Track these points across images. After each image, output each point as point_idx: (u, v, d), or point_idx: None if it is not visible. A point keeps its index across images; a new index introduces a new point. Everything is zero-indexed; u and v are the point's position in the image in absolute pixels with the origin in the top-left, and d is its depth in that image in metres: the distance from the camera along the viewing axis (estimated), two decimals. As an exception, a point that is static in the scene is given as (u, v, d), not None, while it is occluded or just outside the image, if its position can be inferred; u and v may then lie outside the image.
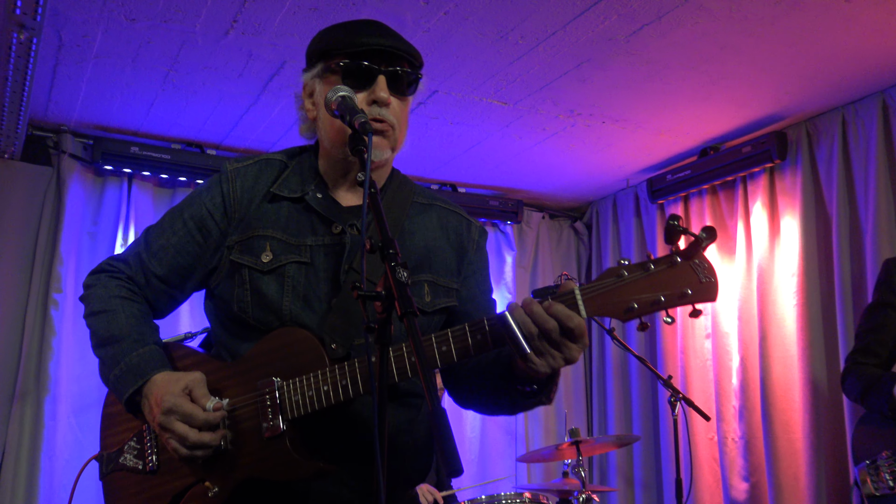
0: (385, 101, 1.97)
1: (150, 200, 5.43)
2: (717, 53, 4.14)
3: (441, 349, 1.79)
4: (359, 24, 2.06)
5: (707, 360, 5.70)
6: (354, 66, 1.97)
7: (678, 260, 1.71)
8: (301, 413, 1.88)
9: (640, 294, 1.71)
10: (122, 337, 2.06)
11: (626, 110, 4.88)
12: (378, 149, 1.99)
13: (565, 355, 1.72)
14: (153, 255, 2.13)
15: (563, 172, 6.07)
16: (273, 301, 1.99)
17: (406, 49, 2.01)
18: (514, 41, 4.01)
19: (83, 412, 4.98)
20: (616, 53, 4.13)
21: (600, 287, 1.72)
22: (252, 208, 2.08)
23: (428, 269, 2.09)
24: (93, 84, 4.47)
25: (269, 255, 2.02)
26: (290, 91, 4.54)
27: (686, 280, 1.70)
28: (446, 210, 2.22)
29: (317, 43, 2.08)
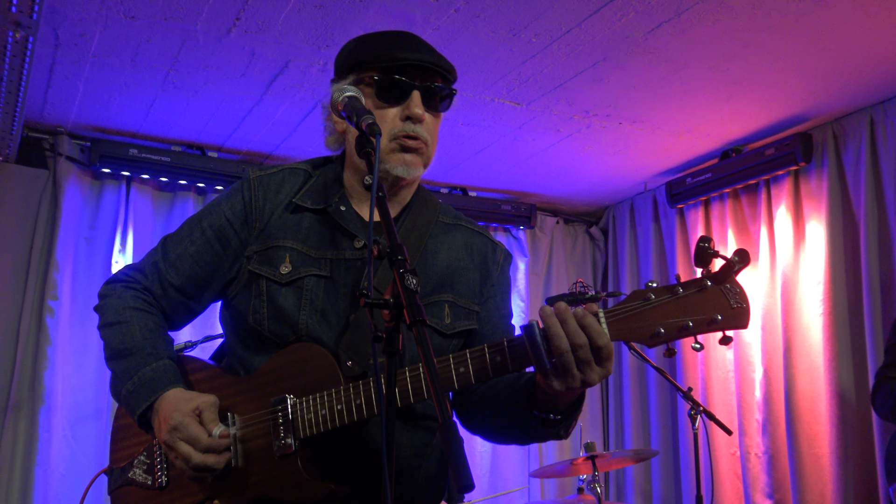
0: (420, 117, 2.02)
1: (149, 204, 5.47)
2: (739, 51, 4.14)
3: (458, 370, 1.80)
4: (393, 36, 2.09)
5: (729, 371, 5.69)
6: (388, 80, 2.02)
7: (708, 284, 1.71)
8: (314, 432, 1.90)
9: (668, 319, 1.70)
10: (135, 350, 2.09)
11: (644, 111, 4.89)
12: (411, 166, 2.04)
13: (585, 376, 1.71)
14: (170, 264, 2.17)
15: (578, 175, 6.07)
16: (289, 314, 2.02)
17: (441, 64, 2.05)
18: (528, 39, 4.02)
19: (79, 424, 5.00)
20: (633, 52, 4.14)
21: (626, 310, 1.73)
22: (273, 218, 2.11)
23: (449, 290, 2.11)
24: (90, 84, 4.50)
25: (288, 267, 2.05)
26: (295, 91, 4.56)
27: (716, 305, 1.70)
28: (471, 231, 2.25)
29: (348, 54, 2.12)
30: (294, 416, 1.92)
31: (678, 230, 6.16)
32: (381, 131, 1.78)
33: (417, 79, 2.03)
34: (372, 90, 2.03)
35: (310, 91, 4.57)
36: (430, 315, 2.06)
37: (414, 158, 2.04)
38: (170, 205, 5.57)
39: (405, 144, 2.02)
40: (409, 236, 2.11)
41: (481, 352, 1.80)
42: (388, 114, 2.02)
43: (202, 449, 1.93)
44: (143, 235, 5.38)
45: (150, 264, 2.21)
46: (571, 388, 1.72)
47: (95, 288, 5.13)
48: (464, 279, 2.15)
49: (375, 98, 2.02)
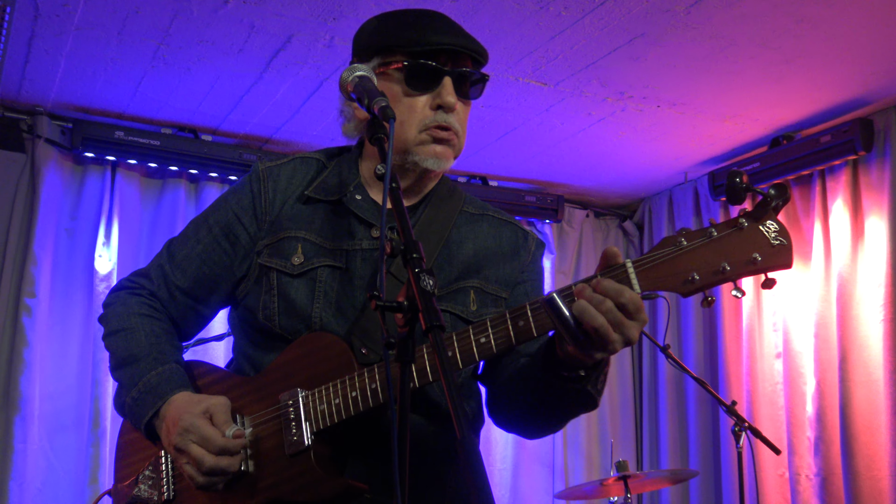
0: (452, 106, 2.06)
1: (136, 192, 5.50)
2: (791, 27, 4.13)
3: (479, 341, 1.83)
4: (420, 16, 2.13)
5: (777, 383, 5.67)
6: (418, 66, 2.05)
7: (744, 223, 1.71)
8: (328, 423, 1.94)
9: (702, 263, 1.70)
10: (140, 357, 2.13)
11: (685, 93, 4.88)
12: (441, 159, 2.09)
13: (624, 335, 1.71)
14: (177, 265, 2.23)
15: (610, 164, 6.07)
16: (302, 307, 2.06)
17: (474, 48, 2.09)
18: (557, 12, 4.02)
19: (58, 434, 5.04)
20: (674, 27, 4.13)
21: (655, 258, 1.73)
22: (284, 209, 2.16)
23: (476, 275, 2.15)
24: (73, 59, 4.53)
25: (301, 258, 2.10)
26: (298, 69, 4.58)
27: (755, 245, 1.70)
28: (499, 220, 2.28)
29: (370, 34, 2.15)
30: (306, 410, 1.96)
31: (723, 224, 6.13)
32: (394, 115, 1.79)
33: (449, 63, 2.07)
34: (401, 76, 2.07)
35: (314, 68, 4.58)
36: (454, 302, 2.10)
37: (445, 150, 2.09)
38: (159, 193, 5.60)
39: (437, 136, 2.07)
40: (431, 226, 2.15)
41: (502, 318, 1.82)
42: (418, 102, 2.07)
43: (216, 450, 1.96)
44: (129, 227, 5.42)
45: (156, 268, 2.27)
46: (613, 351, 1.72)
47: (76, 284, 5.21)
48: (492, 265, 2.18)
49: (404, 85, 2.06)
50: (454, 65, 2.08)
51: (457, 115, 2.09)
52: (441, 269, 2.12)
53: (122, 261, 5.32)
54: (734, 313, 5.99)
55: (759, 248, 1.69)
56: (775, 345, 5.72)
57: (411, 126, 2.06)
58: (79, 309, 5.22)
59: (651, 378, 6.65)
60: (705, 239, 1.71)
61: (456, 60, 2.08)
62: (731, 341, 5.98)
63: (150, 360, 2.12)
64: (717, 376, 6.06)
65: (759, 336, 5.80)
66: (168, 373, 2.11)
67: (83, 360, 5.15)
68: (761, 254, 1.68)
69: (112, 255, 5.29)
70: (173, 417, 2.01)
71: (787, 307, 5.64)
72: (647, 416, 6.66)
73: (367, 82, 1.92)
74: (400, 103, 2.06)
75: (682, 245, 1.71)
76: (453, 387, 1.41)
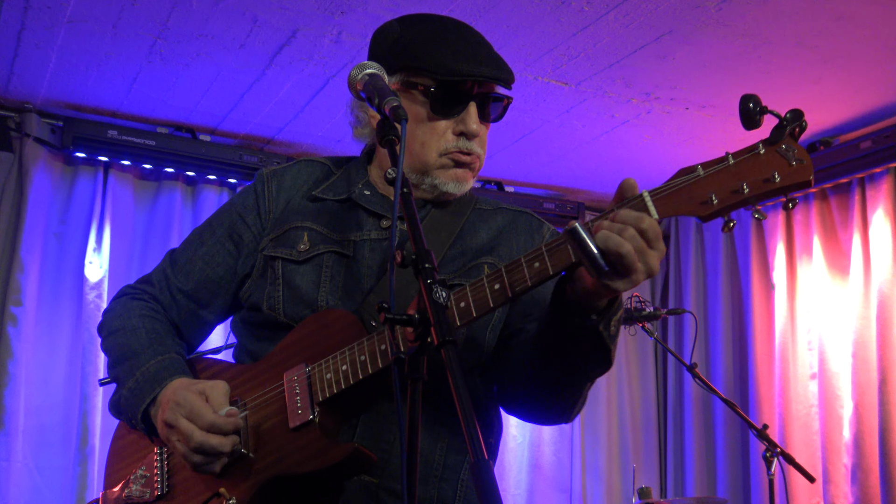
0: (476, 133, 2.16)
1: (129, 195, 5.51)
2: (829, 25, 4.12)
3: (493, 287, 1.85)
4: (449, 33, 2.20)
5: (812, 406, 5.65)
6: (445, 93, 2.13)
7: (761, 148, 1.77)
8: (335, 391, 1.97)
9: (720, 187, 1.76)
10: (140, 350, 2.19)
11: (715, 94, 4.87)
12: (462, 182, 2.19)
13: (647, 265, 1.74)
14: (179, 269, 2.31)
15: (635, 169, 6.05)
16: (307, 293, 2.12)
17: (504, 77, 2.17)
18: (579, 8, 4.02)
19: (43, 451, 5.04)
20: (704, 24, 4.12)
21: (672, 186, 1.78)
22: (291, 205, 2.25)
23: (489, 254, 2.20)
24: (65, 54, 4.55)
25: (306, 245, 2.17)
26: (303, 65, 4.58)
27: (773, 165, 1.75)
28: (514, 212, 2.35)
29: (393, 45, 2.21)
30: (311, 382, 2.01)
31: (754, 237, 6.13)
32: (406, 116, 1.81)
33: (475, 87, 2.16)
34: (425, 99, 2.15)
35: (320, 65, 4.59)
36: (467, 277, 2.13)
37: (465, 173, 2.20)
38: (153, 196, 5.61)
39: (458, 160, 2.17)
40: (442, 219, 2.21)
41: (517, 263, 1.84)
42: (440, 126, 2.16)
43: (205, 426, 2.00)
44: (121, 231, 5.43)
45: (158, 272, 2.35)
46: (636, 282, 1.75)
47: (65, 292, 5.22)
48: (506, 246, 2.24)
49: (428, 108, 2.15)
50: (480, 89, 2.16)
51: (479, 139, 2.18)
52: (454, 259, 2.18)
53: (113, 268, 5.33)
54: (766, 330, 5.97)
55: (778, 167, 1.75)
56: (810, 365, 5.69)
57: (431, 149, 2.15)
58: (67, 319, 5.23)
59: (676, 399, 6.62)
60: (722, 166, 1.77)
61: (482, 85, 2.16)
62: (762, 360, 5.96)
63: (150, 352, 2.18)
64: (747, 398, 6.04)
65: (793, 355, 5.77)
66: (168, 361, 2.16)
67: (71, 373, 5.16)
68: (780, 173, 1.74)
69: (103, 261, 5.30)
70: (167, 397, 2.06)
71: (823, 325, 5.61)
72: (672, 439, 6.63)
73: (378, 80, 1.93)
74: (422, 125, 2.15)
75: (698, 172, 1.78)
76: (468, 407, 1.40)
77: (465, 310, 1.88)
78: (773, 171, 1.74)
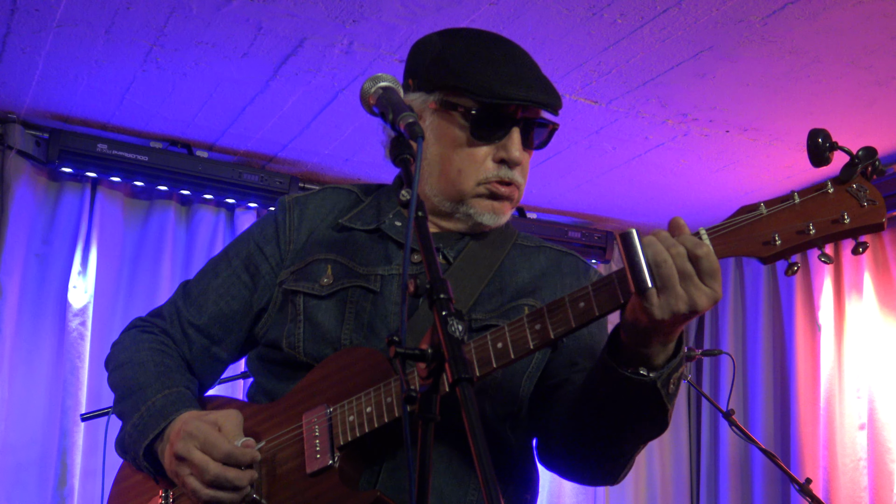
0: (518, 161, 2.18)
1: (119, 213, 5.53)
2: (885, 43, 4.12)
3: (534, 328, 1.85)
4: (493, 53, 2.20)
5: (860, 459, 5.61)
6: (487, 116, 2.14)
7: (830, 187, 1.77)
8: (357, 434, 1.97)
9: (784, 226, 1.76)
10: (146, 384, 2.19)
11: (758, 116, 4.87)
12: (500, 214, 2.21)
13: (691, 296, 1.73)
14: (191, 302, 2.32)
15: (669, 196, 6.05)
16: (330, 330, 2.12)
17: (551, 101, 2.18)
18: (611, 20, 4.03)
19: (18, 492, 5.03)
20: (748, 40, 4.13)
21: (732, 224, 1.79)
22: (314, 236, 2.25)
23: (530, 296, 2.20)
24: (53, 60, 4.58)
25: (330, 279, 2.17)
26: (311, 77, 4.60)
27: (842, 206, 1.75)
28: (558, 252, 2.36)
29: (434, 63, 2.22)
30: (333, 424, 2.00)
31: (799, 272, 6.10)
32: (423, 133, 1.81)
33: (520, 111, 2.17)
34: (465, 123, 2.16)
35: (329, 77, 4.61)
36: (505, 318, 2.13)
37: (503, 206, 2.21)
38: (145, 215, 5.63)
39: (496, 191, 2.18)
40: (481, 253, 2.22)
41: (560, 303, 1.85)
42: (480, 152, 2.17)
43: (221, 456, 1.98)
44: (109, 253, 5.44)
45: (169, 305, 2.36)
46: (675, 312, 1.73)
47: (46, 318, 5.23)
48: (549, 287, 2.25)
49: (469, 133, 2.15)
50: (524, 113, 2.17)
51: (521, 168, 2.20)
52: (492, 297, 2.19)
53: (99, 292, 5.33)
54: (811, 375, 5.94)
55: (848, 208, 1.75)
56: (858, 414, 5.66)
57: (469, 177, 2.16)
58: (48, 347, 5.23)
59: (711, 449, 6.59)
60: (786, 204, 1.77)
61: (527, 108, 2.17)
62: (806, 408, 5.93)
63: (157, 385, 2.17)
64: (789, 449, 6.01)
65: (840, 403, 5.74)
66: (176, 395, 2.16)
67: (51, 407, 5.15)
68: (850, 214, 1.74)
69: (88, 285, 5.31)
70: (177, 430, 2.04)
71: (872, 371, 5.58)
72: (706, 493, 6.59)
73: (393, 94, 1.94)
74: (460, 150, 2.17)
75: (761, 211, 1.78)
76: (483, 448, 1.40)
77: (502, 351, 1.88)
78: (843, 211, 1.75)
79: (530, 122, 2.19)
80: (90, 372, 5.19)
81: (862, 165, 1.76)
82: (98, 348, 5.26)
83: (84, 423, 4.92)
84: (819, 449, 5.80)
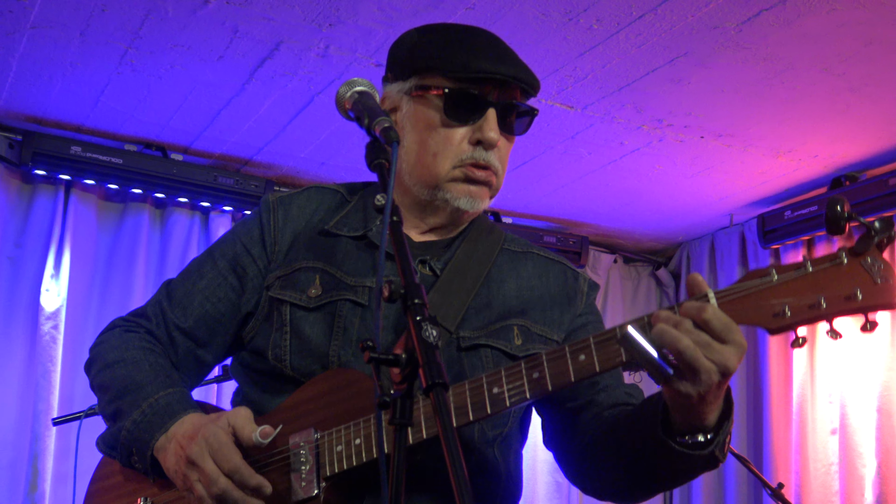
0: (495, 142, 2.13)
1: (93, 216, 5.50)
2: (859, 50, 4.14)
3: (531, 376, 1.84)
4: (466, 35, 2.19)
5: (832, 464, 5.63)
6: (460, 95, 2.11)
7: (844, 258, 1.74)
8: (344, 467, 1.94)
9: (795, 297, 1.73)
10: (145, 382, 2.14)
11: (733, 122, 4.89)
12: (476, 199, 2.16)
13: (718, 362, 1.69)
14: (176, 303, 2.26)
15: (644, 202, 6.07)
16: (318, 345, 2.09)
17: (526, 78, 2.15)
18: (588, 25, 4.04)
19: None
20: (723, 46, 4.14)
21: (742, 289, 1.76)
22: (300, 240, 2.22)
23: (520, 316, 2.18)
24: (26, 62, 4.55)
25: (318, 290, 2.14)
26: (286, 80, 4.59)
27: (855, 281, 1.72)
28: (545, 259, 2.33)
29: (409, 50, 2.21)
30: (320, 452, 1.97)
31: (772, 278, 6.13)
32: (398, 138, 1.81)
33: (495, 93, 2.13)
34: (439, 103, 2.13)
35: (305, 80, 4.60)
36: (496, 339, 2.13)
37: (480, 190, 2.16)
38: (119, 218, 5.60)
39: (472, 175, 2.14)
40: (468, 263, 2.20)
41: (560, 352, 1.82)
42: (456, 134, 2.13)
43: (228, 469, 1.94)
44: (83, 256, 5.41)
45: (153, 305, 2.31)
46: (709, 383, 1.70)
47: (18, 322, 5.20)
48: (538, 308, 2.22)
49: (442, 113, 2.12)
50: (501, 95, 2.13)
51: (497, 151, 2.15)
52: (479, 312, 2.16)
53: (72, 296, 5.30)
54: (783, 381, 5.96)
55: (861, 284, 1.72)
56: (830, 420, 5.68)
57: (445, 160, 2.13)
58: (19, 351, 5.19)
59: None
60: (798, 272, 1.75)
61: (503, 90, 2.13)
62: (778, 414, 5.95)
63: (158, 384, 2.14)
64: (761, 453, 6.03)
65: (812, 409, 5.76)
66: (179, 394, 2.12)
67: (23, 412, 5.12)
68: (863, 291, 1.71)
69: (61, 289, 5.28)
70: (188, 431, 2.00)
71: (845, 376, 5.60)
72: (679, 497, 6.62)
73: (368, 99, 1.94)
74: (435, 133, 2.14)
75: (772, 277, 1.75)
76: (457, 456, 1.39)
77: (497, 397, 1.87)
78: (856, 287, 1.72)
79: (508, 106, 2.15)
80: (62, 376, 5.16)
81: (878, 237, 1.73)
82: (71, 352, 5.23)
83: (56, 427, 4.88)
84: (791, 454, 5.82)
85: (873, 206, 5.34)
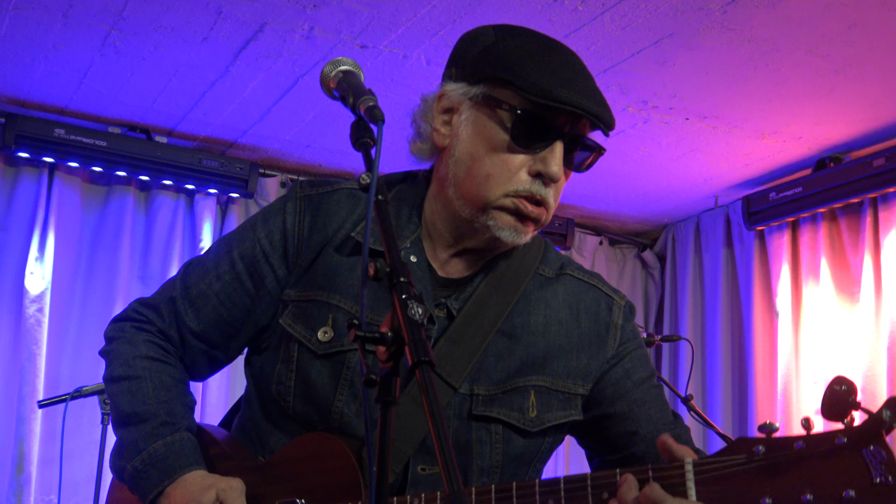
0: (557, 178, 1.99)
1: (77, 199, 5.49)
2: (843, 32, 4.15)
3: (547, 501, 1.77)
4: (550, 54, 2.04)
5: (816, 444, 5.66)
6: (533, 119, 1.95)
7: (843, 441, 1.60)
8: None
9: (779, 488, 1.60)
10: (147, 416, 2.10)
11: (717, 104, 4.90)
12: (522, 234, 2.03)
13: None
14: (191, 303, 2.18)
15: (629, 184, 6.08)
16: (322, 395, 2.03)
17: (607, 119, 2.00)
18: (572, 7, 4.04)
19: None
20: (708, 28, 4.15)
21: (723, 465, 1.66)
22: (322, 256, 2.10)
23: (541, 370, 2.09)
24: (8, 44, 4.53)
25: (329, 333, 2.04)
26: (271, 62, 4.58)
27: (851, 476, 1.56)
28: (579, 282, 2.21)
29: (485, 53, 2.04)
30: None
31: (757, 258, 6.15)
32: (383, 117, 1.76)
33: (567, 124, 1.98)
34: (507, 123, 1.97)
35: (290, 62, 4.59)
36: (507, 407, 2.05)
37: (528, 227, 2.03)
38: (103, 201, 5.59)
39: (523, 210, 2.00)
40: (490, 299, 2.08)
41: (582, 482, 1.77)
42: (516, 160, 1.98)
43: None
44: (67, 239, 5.40)
45: (166, 301, 2.22)
46: None
47: (3, 303, 5.19)
48: (564, 353, 2.11)
49: (508, 134, 1.97)
50: (572, 127, 1.99)
51: (555, 186, 2.03)
52: (499, 360, 2.07)
53: (57, 279, 5.30)
54: (768, 361, 5.98)
55: (856, 482, 1.55)
56: (815, 400, 5.70)
57: (499, 185, 1.98)
58: (4, 335, 5.19)
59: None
60: (789, 454, 1.62)
61: (576, 122, 1.99)
62: (763, 394, 5.97)
63: (158, 424, 2.09)
64: (746, 434, 6.03)
65: (797, 390, 5.78)
66: (178, 444, 2.07)
67: (8, 395, 5.12)
68: (857, 491, 1.54)
69: (46, 272, 5.27)
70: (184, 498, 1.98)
71: (829, 357, 5.62)
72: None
73: (353, 78, 1.90)
74: (495, 153, 1.99)
75: (758, 455, 1.62)
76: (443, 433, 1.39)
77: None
78: (850, 488, 1.54)
79: (577, 139, 2.01)
80: (48, 358, 5.16)
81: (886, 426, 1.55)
82: (56, 335, 5.23)
83: (41, 410, 4.89)
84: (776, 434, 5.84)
85: (858, 187, 5.35)
